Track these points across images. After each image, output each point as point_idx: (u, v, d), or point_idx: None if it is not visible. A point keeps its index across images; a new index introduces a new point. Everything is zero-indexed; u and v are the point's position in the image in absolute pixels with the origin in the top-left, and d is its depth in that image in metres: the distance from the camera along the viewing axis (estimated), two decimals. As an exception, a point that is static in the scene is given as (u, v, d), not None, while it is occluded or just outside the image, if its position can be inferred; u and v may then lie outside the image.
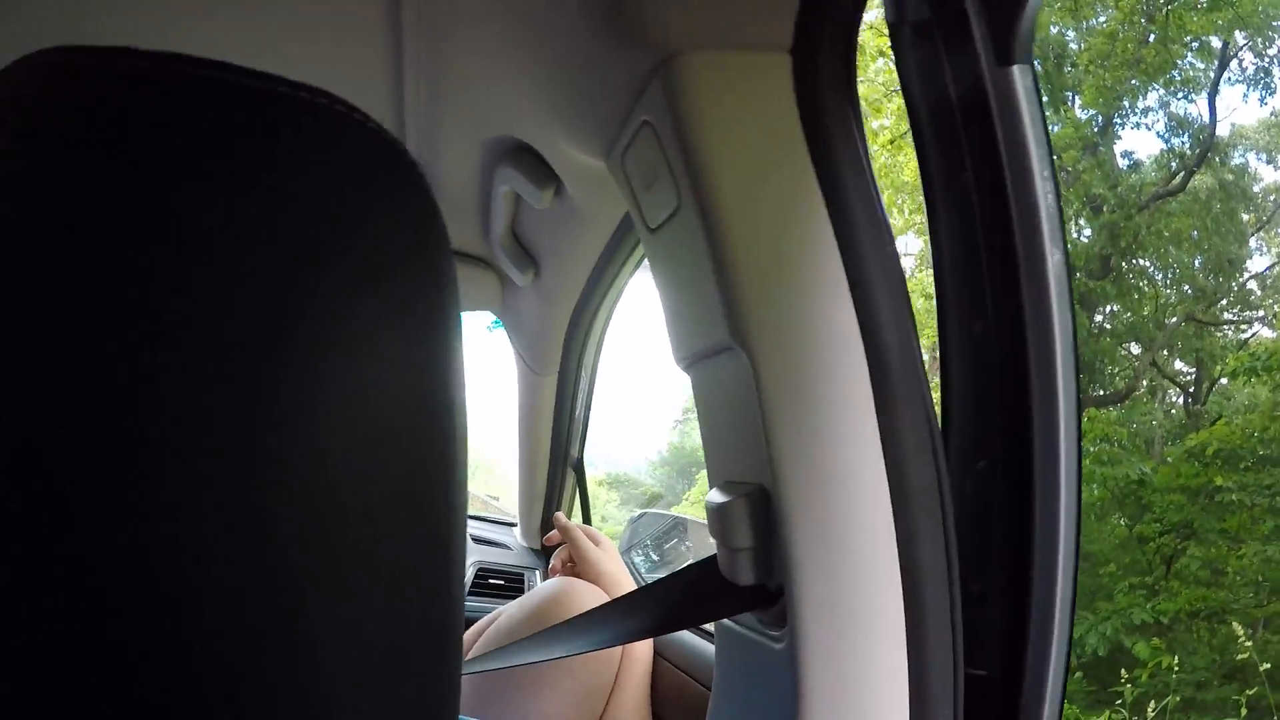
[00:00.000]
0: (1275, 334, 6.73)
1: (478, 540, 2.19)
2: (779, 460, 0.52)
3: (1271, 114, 6.99)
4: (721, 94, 0.53)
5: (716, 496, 0.58)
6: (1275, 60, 6.76)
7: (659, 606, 0.65)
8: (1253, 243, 7.25)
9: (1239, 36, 6.74)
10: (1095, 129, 6.71)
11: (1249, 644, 4.27)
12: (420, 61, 0.76)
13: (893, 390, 0.52)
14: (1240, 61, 6.86)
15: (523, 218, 1.12)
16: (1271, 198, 7.12)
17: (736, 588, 0.57)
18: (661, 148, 0.56)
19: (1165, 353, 7.02)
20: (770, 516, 0.54)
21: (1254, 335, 6.85)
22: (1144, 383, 6.79)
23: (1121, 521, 5.94)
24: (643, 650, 1.06)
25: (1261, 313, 7.11)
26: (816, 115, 0.53)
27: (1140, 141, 9.35)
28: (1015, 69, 0.52)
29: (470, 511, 2.53)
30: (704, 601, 0.61)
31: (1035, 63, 0.54)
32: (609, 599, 1.02)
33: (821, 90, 0.53)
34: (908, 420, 0.53)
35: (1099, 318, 6.86)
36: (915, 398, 0.53)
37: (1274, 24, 6.66)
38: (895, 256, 0.54)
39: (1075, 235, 6.75)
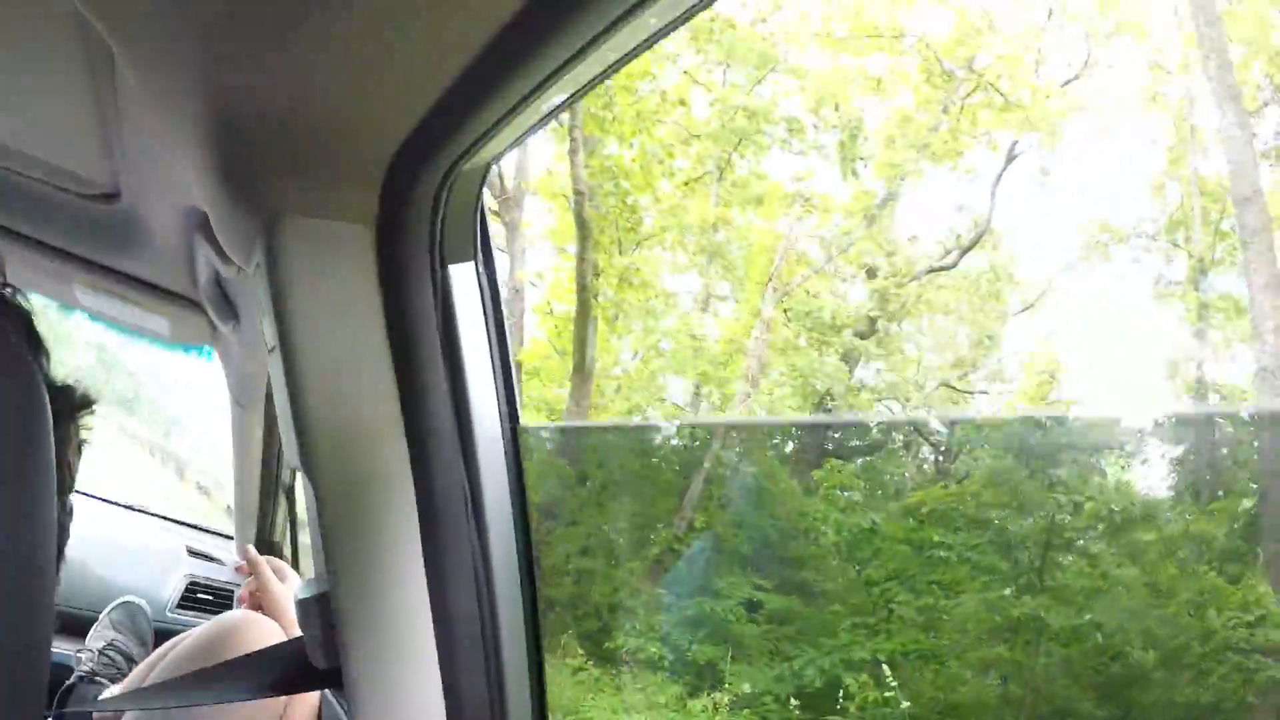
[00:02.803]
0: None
1: (193, 553, 2.15)
2: (338, 570, 0.60)
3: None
4: (313, 254, 0.59)
5: (300, 592, 0.66)
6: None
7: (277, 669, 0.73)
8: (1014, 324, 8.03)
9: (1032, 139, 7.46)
10: (878, 201, 7.23)
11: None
12: (126, 125, 0.80)
13: (437, 520, 0.61)
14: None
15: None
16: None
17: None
18: (263, 292, 0.62)
19: (925, 411, 7.66)
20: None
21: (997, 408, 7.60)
22: (898, 437, 7.37)
23: (854, 567, 6.43)
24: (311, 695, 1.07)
25: (1016, 385, 7.90)
26: (393, 279, 0.61)
27: (920, 218, 10.09)
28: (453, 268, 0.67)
29: (192, 520, 2.48)
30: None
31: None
32: (285, 636, 1.04)
33: (399, 258, 0.61)
34: (451, 548, 0.62)
35: (860, 373, 7.39)
36: (460, 531, 0.63)
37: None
38: (462, 405, 0.65)
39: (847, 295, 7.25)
